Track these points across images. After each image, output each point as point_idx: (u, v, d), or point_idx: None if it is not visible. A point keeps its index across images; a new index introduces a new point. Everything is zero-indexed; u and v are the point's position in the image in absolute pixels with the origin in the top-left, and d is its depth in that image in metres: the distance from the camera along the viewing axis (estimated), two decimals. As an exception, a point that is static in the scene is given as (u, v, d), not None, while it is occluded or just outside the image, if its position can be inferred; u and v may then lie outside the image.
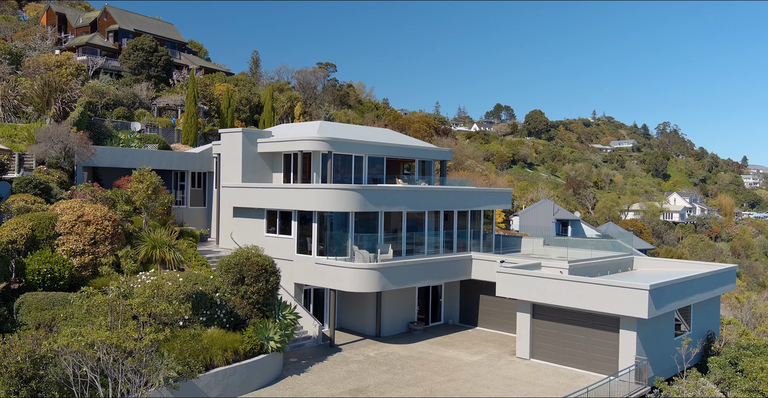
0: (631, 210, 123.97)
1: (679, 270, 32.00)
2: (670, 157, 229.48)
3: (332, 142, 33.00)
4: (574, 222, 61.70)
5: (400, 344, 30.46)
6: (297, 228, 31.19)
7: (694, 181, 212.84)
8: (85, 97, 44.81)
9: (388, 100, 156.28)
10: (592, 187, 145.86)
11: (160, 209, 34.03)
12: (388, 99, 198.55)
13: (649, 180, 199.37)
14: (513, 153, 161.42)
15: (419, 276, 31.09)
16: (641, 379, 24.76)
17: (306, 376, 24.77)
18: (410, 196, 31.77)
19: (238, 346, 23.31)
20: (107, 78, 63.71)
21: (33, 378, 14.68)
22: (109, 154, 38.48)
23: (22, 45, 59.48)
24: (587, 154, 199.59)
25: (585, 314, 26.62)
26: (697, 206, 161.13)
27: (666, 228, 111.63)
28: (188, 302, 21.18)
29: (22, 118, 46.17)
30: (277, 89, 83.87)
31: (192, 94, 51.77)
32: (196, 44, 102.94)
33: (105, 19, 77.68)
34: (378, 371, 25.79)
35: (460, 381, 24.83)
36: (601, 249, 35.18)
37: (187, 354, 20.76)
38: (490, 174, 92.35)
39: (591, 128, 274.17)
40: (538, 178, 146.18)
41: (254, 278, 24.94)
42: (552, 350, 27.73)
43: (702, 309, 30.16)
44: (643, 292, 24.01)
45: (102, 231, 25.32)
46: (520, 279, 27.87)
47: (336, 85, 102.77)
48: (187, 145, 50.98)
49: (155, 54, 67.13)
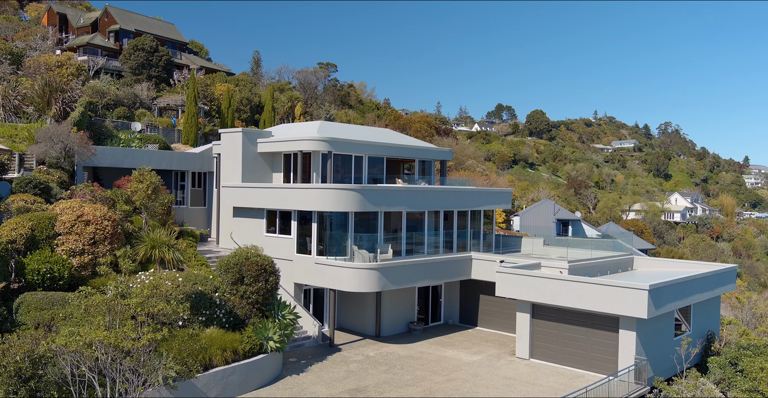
0: (632, 210, 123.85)
1: (679, 270, 31.97)
2: (672, 156, 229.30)
3: (332, 142, 33.00)
4: (575, 222, 61.68)
5: (399, 344, 30.46)
6: (297, 228, 31.18)
7: (696, 181, 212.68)
8: (85, 97, 44.83)
9: (389, 100, 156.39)
10: (593, 187, 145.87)
11: (160, 209, 34.03)
12: (389, 99, 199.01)
13: (650, 180, 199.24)
14: (514, 153, 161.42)
15: (419, 276, 31.08)
16: (641, 379, 24.75)
17: (305, 376, 24.77)
18: (410, 196, 31.75)
19: (237, 346, 23.32)
20: (108, 78, 63.76)
21: (32, 377, 14.68)
22: (109, 154, 38.52)
23: (23, 45, 59.46)
24: (588, 154, 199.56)
25: (584, 314, 26.59)
26: (699, 206, 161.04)
27: (667, 228, 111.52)
28: (187, 302, 21.16)
29: (23, 118, 46.20)
30: (277, 89, 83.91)
31: (192, 94, 51.80)
32: (197, 44, 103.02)
33: (106, 19, 77.77)
34: (377, 371, 25.79)
35: (459, 381, 24.82)
36: (602, 249, 35.13)
37: (185, 353, 20.77)
38: (491, 174, 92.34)
39: (592, 128, 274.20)
40: (539, 178, 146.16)
41: (253, 278, 24.95)
42: (552, 350, 27.70)
43: (702, 309, 30.14)
44: (642, 292, 23.98)
45: (101, 231, 25.33)
46: (519, 279, 27.86)
47: (337, 85, 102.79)
48: (187, 145, 51.00)
49: (156, 54, 67.18)
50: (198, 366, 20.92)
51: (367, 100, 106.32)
